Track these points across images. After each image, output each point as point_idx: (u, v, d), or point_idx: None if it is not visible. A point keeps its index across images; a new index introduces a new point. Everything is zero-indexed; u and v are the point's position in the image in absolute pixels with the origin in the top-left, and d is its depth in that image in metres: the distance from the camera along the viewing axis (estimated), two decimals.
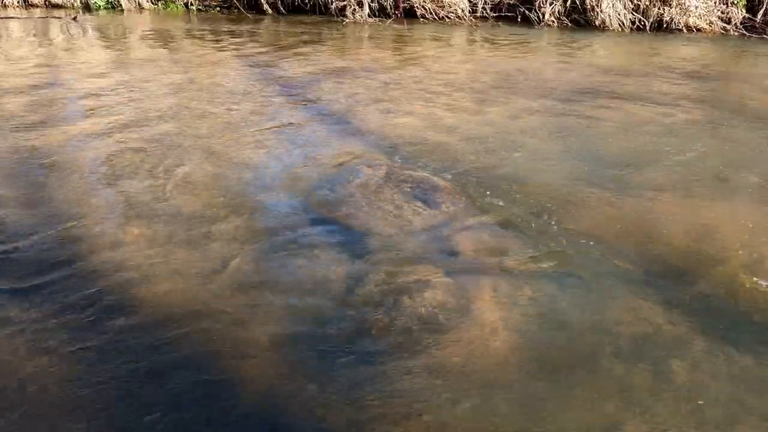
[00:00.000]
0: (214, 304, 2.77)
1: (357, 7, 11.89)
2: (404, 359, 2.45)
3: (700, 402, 2.27)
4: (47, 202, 3.75)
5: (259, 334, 2.59)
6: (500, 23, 11.71)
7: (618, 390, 2.31)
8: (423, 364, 2.43)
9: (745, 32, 10.76)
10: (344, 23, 11.64)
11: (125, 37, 9.99)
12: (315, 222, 3.55)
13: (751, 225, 3.61)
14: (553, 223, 3.56)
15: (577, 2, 11.38)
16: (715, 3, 10.96)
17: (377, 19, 11.84)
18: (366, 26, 11.48)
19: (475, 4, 11.97)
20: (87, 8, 12.70)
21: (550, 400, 2.26)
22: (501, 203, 3.79)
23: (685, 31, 10.92)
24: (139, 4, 12.76)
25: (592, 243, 3.35)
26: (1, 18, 11.61)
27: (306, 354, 2.48)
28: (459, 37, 10.66)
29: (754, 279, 3.04)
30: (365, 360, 2.45)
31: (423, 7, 11.95)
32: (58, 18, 11.69)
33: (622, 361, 2.47)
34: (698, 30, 10.96)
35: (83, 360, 2.42)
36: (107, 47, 8.99)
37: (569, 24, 11.47)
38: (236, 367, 2.41)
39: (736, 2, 10.89)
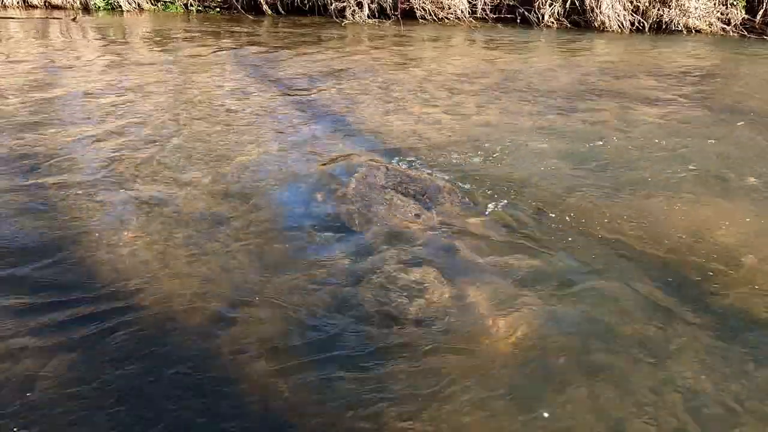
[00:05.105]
0: (214, 304, 2.77)
1: (356, 8, 11.89)
2: (404, 359, 2.45)
3: (700, 402, 2.26)
4: (47, 203, 3.74)
5: (257, 334, 2.59)
6: (500, 24, 11.71)
7: (618, 390, 2.31)
8: (423, 364, 2.42)
9: (744, 33, 10.76)
10: (344, 24, 11.64)
11: (125, 38, 9.98)
12: (315, 222, 3.55)
13: (750, 225, 3.61)
14: (552, 222, 3.56)
15: (577, 3, 11.38)
16: (714, 4, 10.96)
17: (377, 20, 11.84)
18: (365, 27, 11.48)
19: (475, 5, 11.97)
20: (86, 9, 12.69)
21: (550, 400, 2.26)
22: (500, 203, 3.78)
23: (684, 32, 10.92)
24: (139, 5, 12.76)
25: (591, 242, 3.34)
26: (1, 18, 11.60)
27: (305, 354, 2.48)
28: (458, 38, 10.66)
29: (754, 278, 3.04)
30: (364, 361, 2.44)
31: (422, 8, 11.95)
32: (58, 19, 11.69)
33: (622, 360, 2.46)
34: (698, 31, 10.96)
35: (83, 360, 2.41)
36: (107, 48, 8.99)
37: (568, 25, 11.47)
38: (235, 367, 2.40)
39: (735, 3, 10.90)
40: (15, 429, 2.11)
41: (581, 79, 7.42)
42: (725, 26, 10.93)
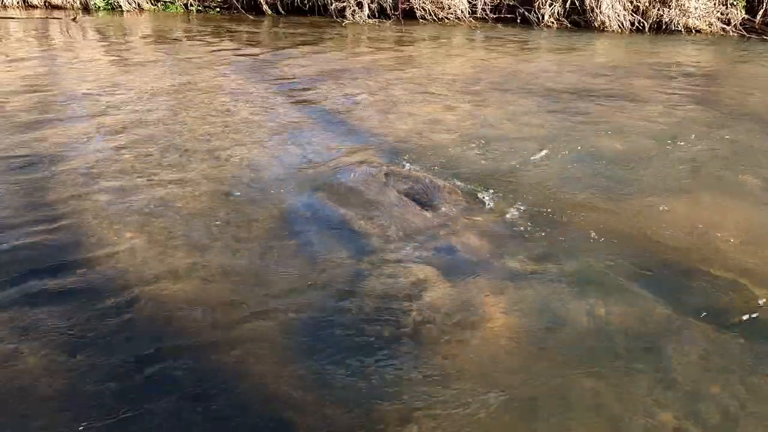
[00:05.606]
0: (213, 305, 2.77)
1: (356, 8, 11.89)
2: (404, 359, 2.45)
3: (699, 402, 2.26)
4: (46, 203, 3.74)
5: (258, 333, 2.58)
6: (500, 24, 11.72)
7: (618, 390, 2.31)
8: (423, 364, 2.42)
9: (744, 33, 10.77)
10: (344, 24, 11.64)
11: (125, 38, 9.99)
12: (315, 222, 3.55)
13: (750, 224, 3.61)
14: (552, 222, 3.56)
15: (577, 3, 11.39)
16: (714, 4, 10.97)
17: (377, 20, 11.85)
18: (365, 27, 11.48)
19: (475, 5, 11.98)
20: (86, 9, 12.70)
21: (551, 401, 2.26)
22: (501, 203, 3.78)
23: (684, 32, 10.92)
24: (139, 5, 12.76)
25: (591, 243, 3.34)
26: (1, 18, 11.61)
27: (306, 354, 2.48)
28: (458, 38, 10.66)
29: (755, 279, 3.03)
30: (365, 361, 2.44)
31: (422, 8, 11.96)
32: (58, 19, 11.70)
33: (622, 361, 2.46)
34: (698, 31, 10.96)
35: (83, 360, 2.41)
36: (107, 48, 8.99)
37: (569, 25, 11.48)
38: (234, 366, 2.40)
39: (735, 3, 10.90)
40: (14, 427, 2.10)
41: (581, 79, 7.42)
42: (725, 26, 10.94)
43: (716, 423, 2.18)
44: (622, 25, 11.11)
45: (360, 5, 11.89)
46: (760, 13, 10.83)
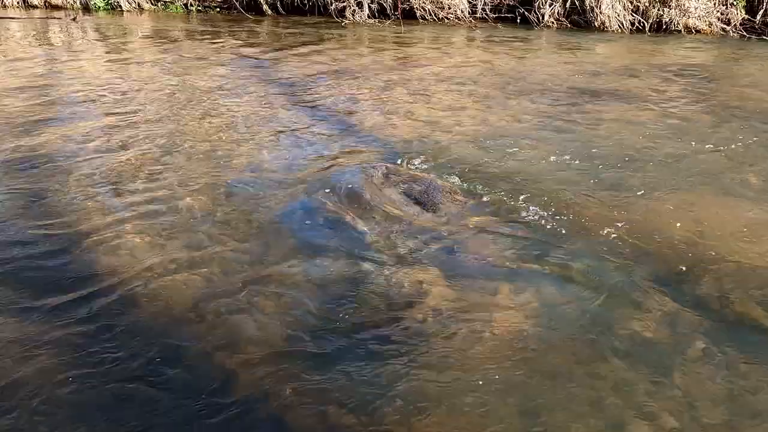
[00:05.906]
0: (213, 304, 2.77)
1: (356, 8, 11.89)
2: (404, 359, 2.45)
3: (698, 402, 2.26)
4: (47, 203, 3.74)
5: (258, 334, 2.59)
6: (500, 24, 11.72)
7: (618, 390, 2.31)
8: (423, 365, 2.42)
9: (744, 33, 10.76)
10: (344, 24, 11.64)
11: (125, 38, 9.98)
12: (315, 223, 3.55)
13: (750, 223, 3.61)
14: (553, 222, 3.56)
15: (577, 3, 11.38)
16: (714, 4, 10.96)
17: (377, 20, 11.85)
18: (365, 27, 11.48)
19: (475, 5, 11.98)
20: (86, 9, 12.70)
21: (551, 400, 2.26)
22: (501, 203, 3.78)
23: (684, 32, 10.92)
24: (139, 5, 12.77)
25: (592, 242, 3.34)
26: (1, 18, 11.60)
27: (306, 354, 2.48)
28: (458, 38, 10.66)
29: (755, 277, 3.04)
30: (365, 360, 2.44)
31: (422, 8, 11.95)
32: (58, 19, 11.70)
33: (622, 360, 2.46)
34: (697, 31, 10.96)
35: (84, 360, 2.41)
36: (107, 48, 8.99)
37: (569, 25, 11.47)
38: (234, 367, 2.40)
39: (735, 3, 10.90)
40: (16, 429, 2.11)
41: (581, 79, 7.42)
42: (725, 26, 10.93)
43: (716, 422, 2.18)
44: (622, 25, 11.11)
45: (360, 5, 11.89)
46: (760, 13, 10.82)
